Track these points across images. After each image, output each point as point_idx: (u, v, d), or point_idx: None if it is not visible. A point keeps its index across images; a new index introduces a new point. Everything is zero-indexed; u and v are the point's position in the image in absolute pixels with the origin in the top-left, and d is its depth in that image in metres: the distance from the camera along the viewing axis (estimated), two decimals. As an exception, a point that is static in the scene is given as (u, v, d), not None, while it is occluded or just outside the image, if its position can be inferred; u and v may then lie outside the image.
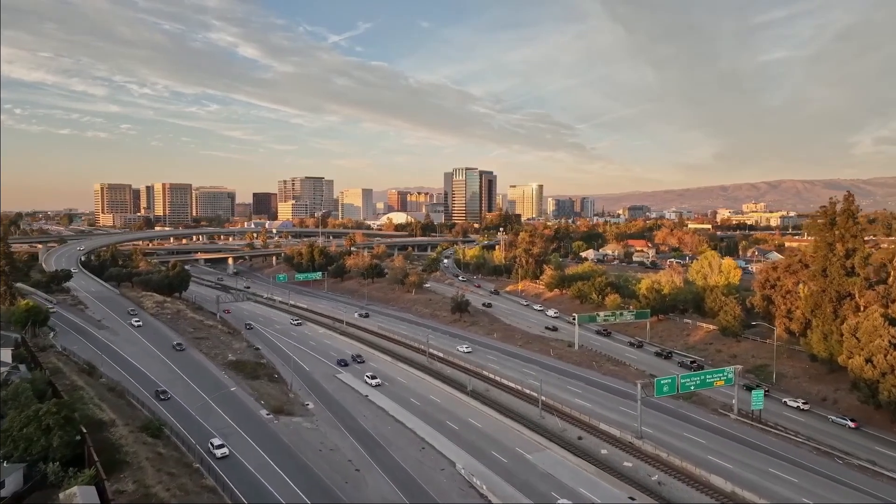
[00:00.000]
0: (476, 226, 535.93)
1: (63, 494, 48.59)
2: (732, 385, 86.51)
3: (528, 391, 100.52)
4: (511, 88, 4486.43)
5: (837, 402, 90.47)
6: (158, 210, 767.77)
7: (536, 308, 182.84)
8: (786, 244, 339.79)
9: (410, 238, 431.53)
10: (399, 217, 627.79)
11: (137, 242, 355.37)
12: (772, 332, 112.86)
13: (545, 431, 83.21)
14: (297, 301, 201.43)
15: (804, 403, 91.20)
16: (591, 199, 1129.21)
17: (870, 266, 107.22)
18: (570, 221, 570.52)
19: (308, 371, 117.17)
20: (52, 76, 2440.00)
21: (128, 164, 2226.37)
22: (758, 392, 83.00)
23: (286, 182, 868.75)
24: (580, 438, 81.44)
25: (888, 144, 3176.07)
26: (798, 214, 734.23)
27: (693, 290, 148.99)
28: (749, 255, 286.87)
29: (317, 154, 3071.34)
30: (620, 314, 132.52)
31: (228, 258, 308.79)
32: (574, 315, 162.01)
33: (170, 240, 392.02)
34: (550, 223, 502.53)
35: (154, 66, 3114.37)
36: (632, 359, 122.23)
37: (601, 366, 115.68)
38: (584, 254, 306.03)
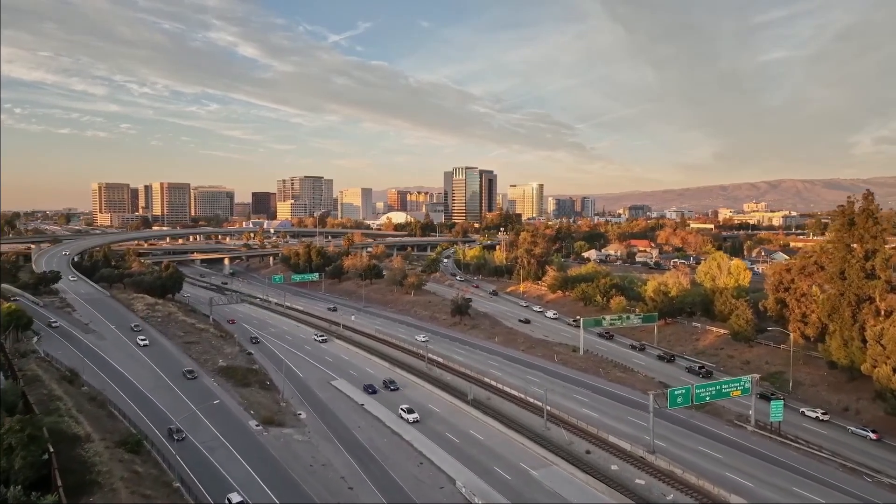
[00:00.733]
0: (476, 225, 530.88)
1: (19, 524, 43.79)
2: (749, 395, 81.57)
3: (532, 400, 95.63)
4: (511, 88, 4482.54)
5: (860, 413, 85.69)
6: (157, 210, 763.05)
7: (536, 309, 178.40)
8: (791, 244, 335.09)
9: (410, 238, 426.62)
10: (398, 217, 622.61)
11: (133, 242, 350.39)
12: (786, 337, 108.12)
13: (551, 445, 78.31)
14: (294, 303, 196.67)
15: (823, 414, 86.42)
16: (592, 199, 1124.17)
17: (890, 268, 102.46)
18: (571, 221, 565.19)
19: (302, 378, 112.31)
20: (52, 76, 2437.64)
21: (128, 164, 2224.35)
22: (777, 403, 78.14)
23: (285, 181, 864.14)
24: (588, 452, 76.54)
25: (888, 144, 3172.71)
26: (800, 214, 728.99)
27: (701, 293, 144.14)
28: (755, 256, 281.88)
29: (317, 154, 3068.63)
30: (627, 318, 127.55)
31: (225, 259, 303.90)
32: (578, 317, 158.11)
33: (166, 240, 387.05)
34: (552, 223, 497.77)
35: (154, 66, 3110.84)
36: (639, 365, 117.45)
37: (608, 372, 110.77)
38: (587, 254, 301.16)
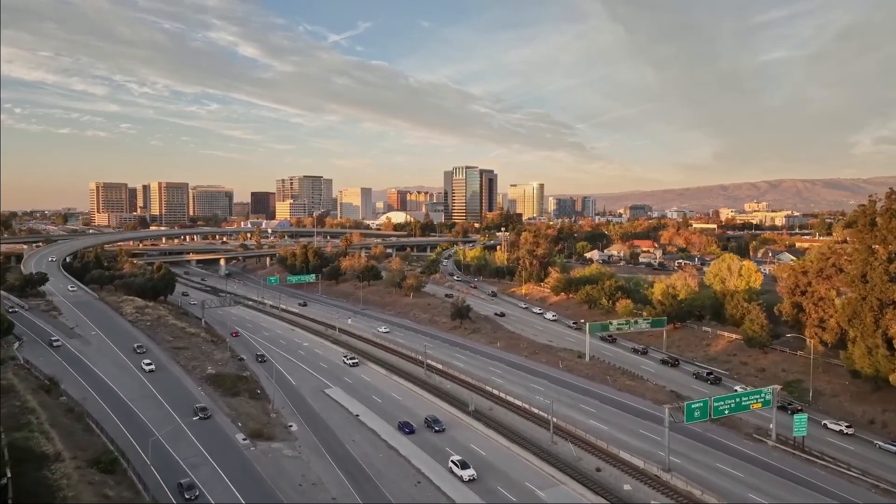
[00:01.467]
0: (476, 225, 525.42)
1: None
2: (770, 407, 76.26)
3: (537, 410, 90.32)
4: (511, 88, 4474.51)
5: (887, 426, 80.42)
6: (155, 210, 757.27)
7: (536, 311, 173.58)
8: (797, 244, 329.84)
9: (409, 238, 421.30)
10: (398, 217, 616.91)
11: (128, 243, 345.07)
12: (802, 343, 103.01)
13: (558, 461, 72.99)
14: (289, 305, 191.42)
15: (848, 427, 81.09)
16: (593, 199, 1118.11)
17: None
18: (573, 221, 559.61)
19: (295, 385, 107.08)
20: (52, 75, 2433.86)
21: (127, 164, 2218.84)
22: (801, 416, 72.80)
23: (284, 181, 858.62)
24: (598, 470, 71.23)
25: (888, 144, 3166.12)
26: (803, 214, 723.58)
27: (711, 295, 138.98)
28: (760, 256, 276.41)
29: (316, 154, 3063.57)
30: (635, 322, 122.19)
31: (221, 259, 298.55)
32: (583, 321, 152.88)
33: (161, 240, 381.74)
34: (553, 223, 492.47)
35: (154, 66, 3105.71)
36: (648, 372, 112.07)
37: (616, 380, 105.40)
38: (589, 254, 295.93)
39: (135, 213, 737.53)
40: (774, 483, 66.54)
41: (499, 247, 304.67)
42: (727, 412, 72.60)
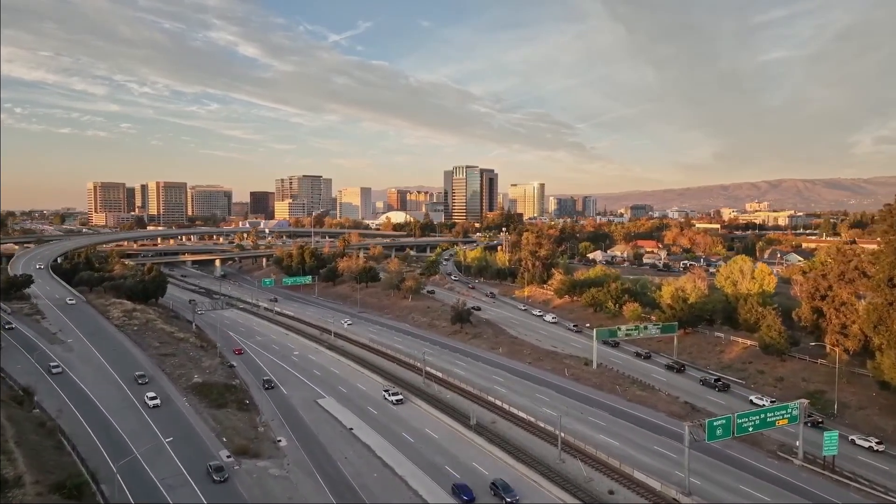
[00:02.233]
0: (477, 225, 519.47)
1: None
2: (797, 423, 70.44)
3: (543, 424, 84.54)
4: (511, 88, 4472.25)
5: (922, 443, 74.59)
6: (153, 209, 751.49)
7: (536, 313, 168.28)
8: (803, 245, 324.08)
9: (409, 238, 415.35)
10: (398, 216, 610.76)
11: (122, 243, 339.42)
12: (823, 351, 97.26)
13: (567, 483, 67.19)
14: (284, 308, 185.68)
15: (878, 443, 75.31)
16: (593, 199, 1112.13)
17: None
18: (574, 221, 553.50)
19: (286, 395, 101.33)
20: (53, 75, 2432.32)
21: (128, 164, 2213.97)
22: (831, 433, 66.97)
23: (283, 181, 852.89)
24: (611, 493, 65.46)
25: (888, 144, 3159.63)
26: (806, 214, 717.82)
27: (722, 299, 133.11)
28: (768, 257, 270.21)
29: (316, 153, 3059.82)
30: (644, 328, 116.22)
31: (216, 260, 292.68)
32: (587, 324, 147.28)
33: (157, 240, 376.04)
34: (555, 223, 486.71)
35: (154, 66, 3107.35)
36: (658, 380, 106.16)
37: (626, 390, 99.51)
38: (592, 255, 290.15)
39: (133, 213, 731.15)
40: (805, 509, 60.82)
41: (499, 247, 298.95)
42: (751, 430, 66.78)
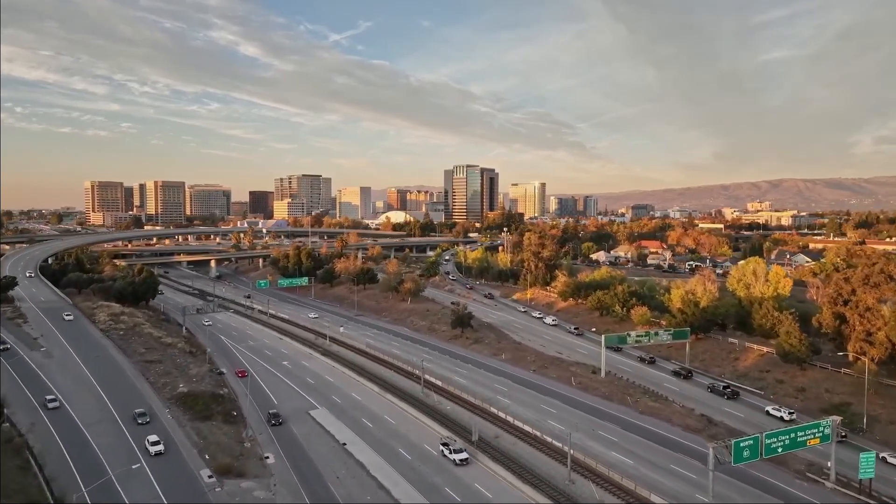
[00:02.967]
0: (477, 225, 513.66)
1: None
2: (829, 443, 64.59)
3: (550, 439, 78.72)
4: (511, 87, 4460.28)
5: (963, 463, 68.68)
6: (151, 209, 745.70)
7: (536, 315, 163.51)
8: (810, 245, 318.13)
9: (408, 238, 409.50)
10: (397, 216, 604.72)
11: (116, 243, 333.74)
12: (845, 359, 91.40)
13: (579, 508, 61.46)
14: (279, 311, 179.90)
15: (915, 462, 69.50)
16: (594, 198, 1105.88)
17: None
18: (576, 221, 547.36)
19: (276, 406, 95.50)
20: (53, 74, 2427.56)
21: (128, 163, 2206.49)
22: (868, 455, 61.14)
23: (283, 180, 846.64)
24: (628, 520, 59.71)
25: (888, 144, 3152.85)
26: (809, 214, 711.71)
27: (735, 303, 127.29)
28: (776, 258, 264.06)
29: (316, 153, 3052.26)
30: (655, 334, 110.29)
31: (211, 261, 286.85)
32: (593, 329, 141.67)
33: (153, 240, 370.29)
34: (556, 223, 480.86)
35: (155, 65, 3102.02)
36: (668, 388, 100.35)
37: (636, 401, 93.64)
38: (595, 256, 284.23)
39: (131, 213, 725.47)
40: (844, 540, 55.04)
41: (501, 248, 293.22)
42: (780, 451, 61.03)
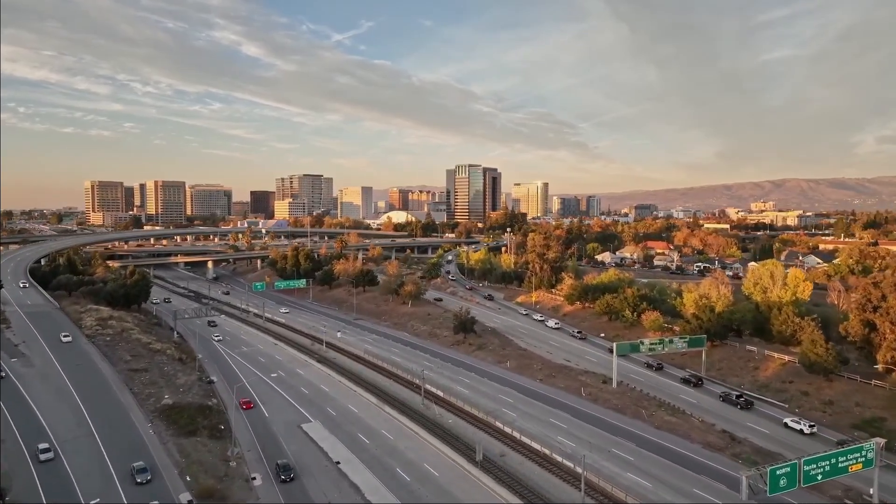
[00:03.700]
0: (480, 225, 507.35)
1: None
2: (872, 468, 58.42)
3: (560, 458, 72.69)
4: (512, 87, 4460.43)
5: None
6: (151, 209, 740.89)
7: (537, 318, 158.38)
8: (820, 246, 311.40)
9: (410, 239, 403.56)
10: (399, 216, 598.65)
11: (115, 243, 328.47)
12: (876, 370, 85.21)
13: (595, 541, 55.41)
14: (275, 314, 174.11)
15: (961, 486, 63.33)
16: (597, 198, 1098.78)
17: None
18: (581, 221, 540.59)
19: (267, 418, 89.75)
20: (56, 74, 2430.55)
21: (131, 163, 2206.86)
22: (916, 482, 55.00)
23: (284, 180, 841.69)
24: (650, 555, 53.65)
25: (891, 143, 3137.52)
26: (815, 214, 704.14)
27: (751, 308, 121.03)
28: (786, 259, 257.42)
29: (318, 153, 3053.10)
30: (670, 342, 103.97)
31: (208, 261, 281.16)
32: (602, 335, 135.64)
33: (150, 240, 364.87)
34: (560, 223, 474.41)
35: (157, 65, 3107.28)
36: (686, 401, 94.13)
37: (652, 414, 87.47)
38: (600, 257, 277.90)
39: (131, 213, 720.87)
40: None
41: (504, 248, 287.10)
42: (820, 478, 54.90)
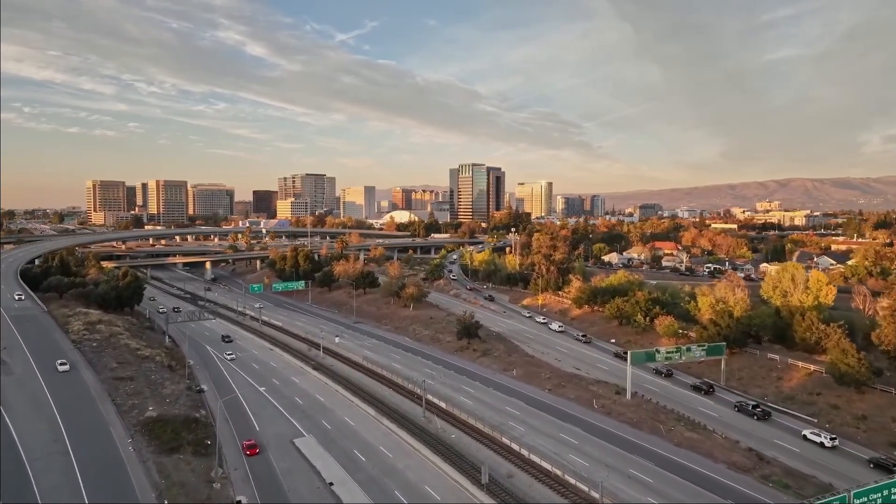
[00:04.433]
0: (484, 225, 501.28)
1: None
2: (925, 498, 52.25)
3: (574, 481, 66.56)
4: (516, 87, 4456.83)
5: None
6: (153, 208, 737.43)
7: (540, 320, 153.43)
8: (832, 247, 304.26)
9: (412, 239, 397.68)
10: (401, 216, 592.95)
11: (113, 243, 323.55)
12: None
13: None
14: (272, 317, 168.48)
15: None
16: (602, 198, 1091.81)
17: None
18: (586, 221, 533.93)
19: (258, 432, 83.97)
20: (61, 74, 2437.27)
21: (135, 163, 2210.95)
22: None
23: (286, 179, 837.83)
24: None
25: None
26: (823, 214, 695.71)
27: (771, 313, 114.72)
28: (797, 260, 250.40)
29: (322, 152, 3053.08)
30: (688, 349, 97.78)
31: (207, 262, 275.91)
32: (612, 340, 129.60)
33: (149, 240, 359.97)
34: (566, 223, 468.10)
35: (162, 65, 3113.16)
36: (704, 414, 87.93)
37: (670, 430, 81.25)
38: (607, 258, 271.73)
39: (132, 212, 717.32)
40: None
41: (508, 249, 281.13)
42: (872, 512, 48.77)
